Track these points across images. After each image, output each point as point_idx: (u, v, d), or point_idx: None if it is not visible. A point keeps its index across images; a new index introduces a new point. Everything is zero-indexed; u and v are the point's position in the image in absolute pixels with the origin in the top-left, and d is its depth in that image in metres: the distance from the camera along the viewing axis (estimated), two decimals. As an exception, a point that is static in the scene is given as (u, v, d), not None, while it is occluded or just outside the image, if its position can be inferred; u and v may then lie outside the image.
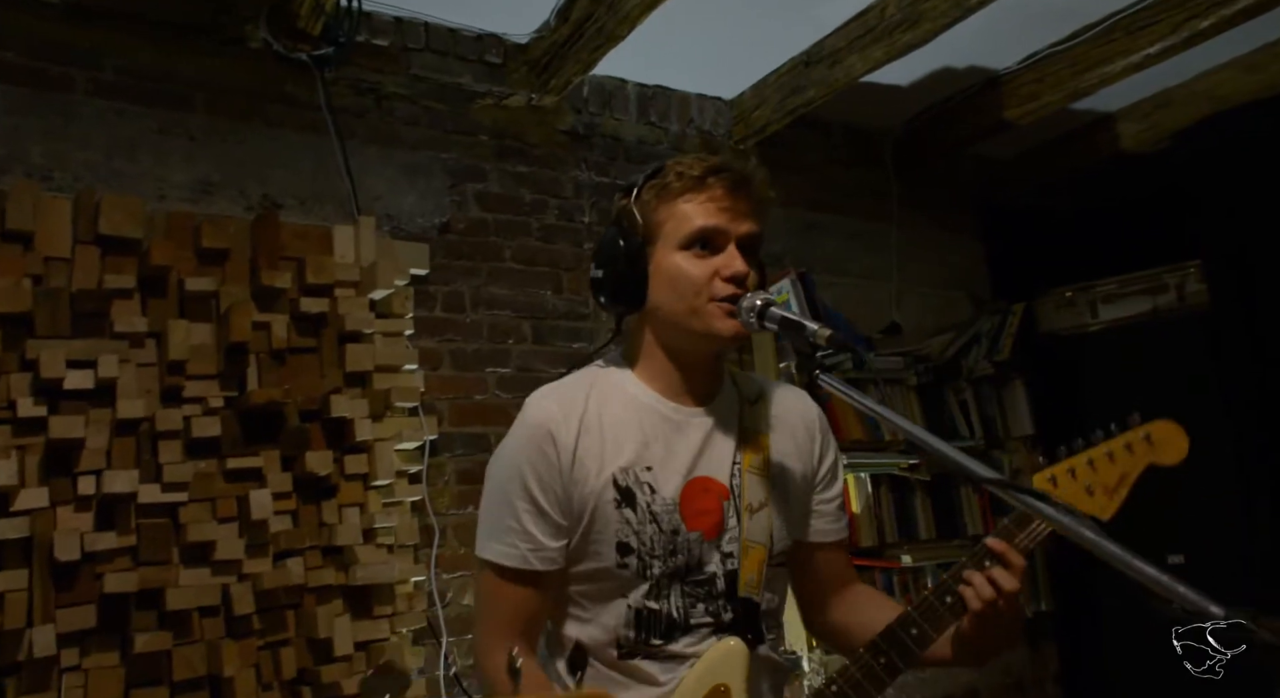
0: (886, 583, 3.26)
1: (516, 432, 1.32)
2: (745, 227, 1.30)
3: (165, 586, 2.13)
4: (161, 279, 2.28)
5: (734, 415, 1.37)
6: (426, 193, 2.84)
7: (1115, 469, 1.28)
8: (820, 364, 1.20)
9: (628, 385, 1.36)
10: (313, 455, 2.32)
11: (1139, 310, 3.69)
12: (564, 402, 1.31)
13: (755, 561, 1.30)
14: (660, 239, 1.31)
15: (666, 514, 1.28)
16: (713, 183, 1.29)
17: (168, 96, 2.50)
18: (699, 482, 1.31)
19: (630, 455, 1.29)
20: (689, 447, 1.32)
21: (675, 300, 1.29)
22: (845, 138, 3.83)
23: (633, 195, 1.34)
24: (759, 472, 1.34)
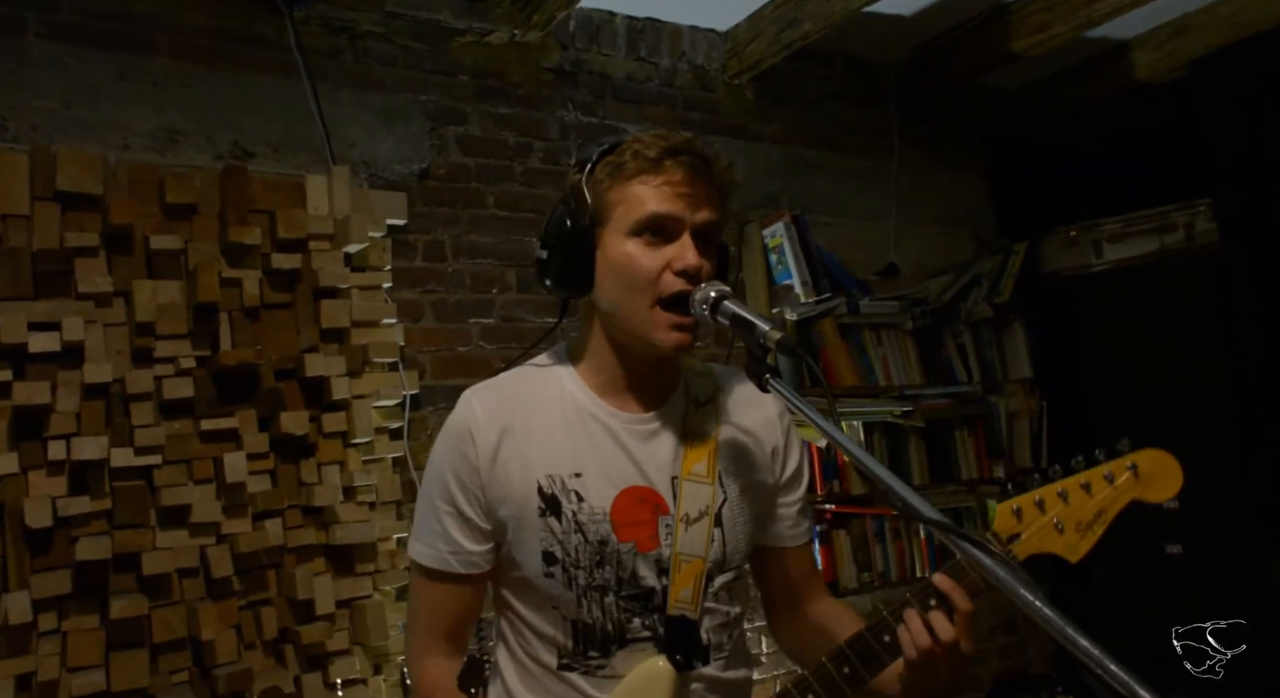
0: (878, 529, 3.25)
1: (443, 431, 1.28)
2: (702, 214, 1.20)
3: (142, 549, 2.12)
4: (126, 236, 2.21)
5: (679, 420, 1.30)
6: (405, 138, 2.73)
7: (1091, 503, 1.16)
8: (771, 368, 1.12)
9: (567, 384, 1.29)
10: (288, 416, 2.28)
11: (1145, 250, 3.57)
12: (491, 402, 1.26)
13: (690, 575, 1.23)
14: (610, 222, 1.22)
15: (594, 524, 1.21)
16: (670, 165, 1.18)
17: (128, 39, 2.38)
18: (634, 491, 1.24)
19: (558, 461, 1.23)
20: (626, 454, 1.25)
21: (620, 292, 1.21)
22: (846, 71, 3.67)
23: (585, 172, 1.24)
24: (701, 479, 1.26)
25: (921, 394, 3.35)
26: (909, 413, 3.26)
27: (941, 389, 3.41)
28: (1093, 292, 3.66)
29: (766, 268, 3.21)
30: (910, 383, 3.37)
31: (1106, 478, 1.18)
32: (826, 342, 3.22)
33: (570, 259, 1.23)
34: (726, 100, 3.38)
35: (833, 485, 3.14)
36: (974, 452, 3.50)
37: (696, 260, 1.18)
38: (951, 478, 3.44)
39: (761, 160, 3.42)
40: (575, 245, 1.22)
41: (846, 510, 3.17)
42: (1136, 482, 1.17)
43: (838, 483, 3.15)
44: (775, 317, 3.18)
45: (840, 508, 3.16)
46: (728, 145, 3.35)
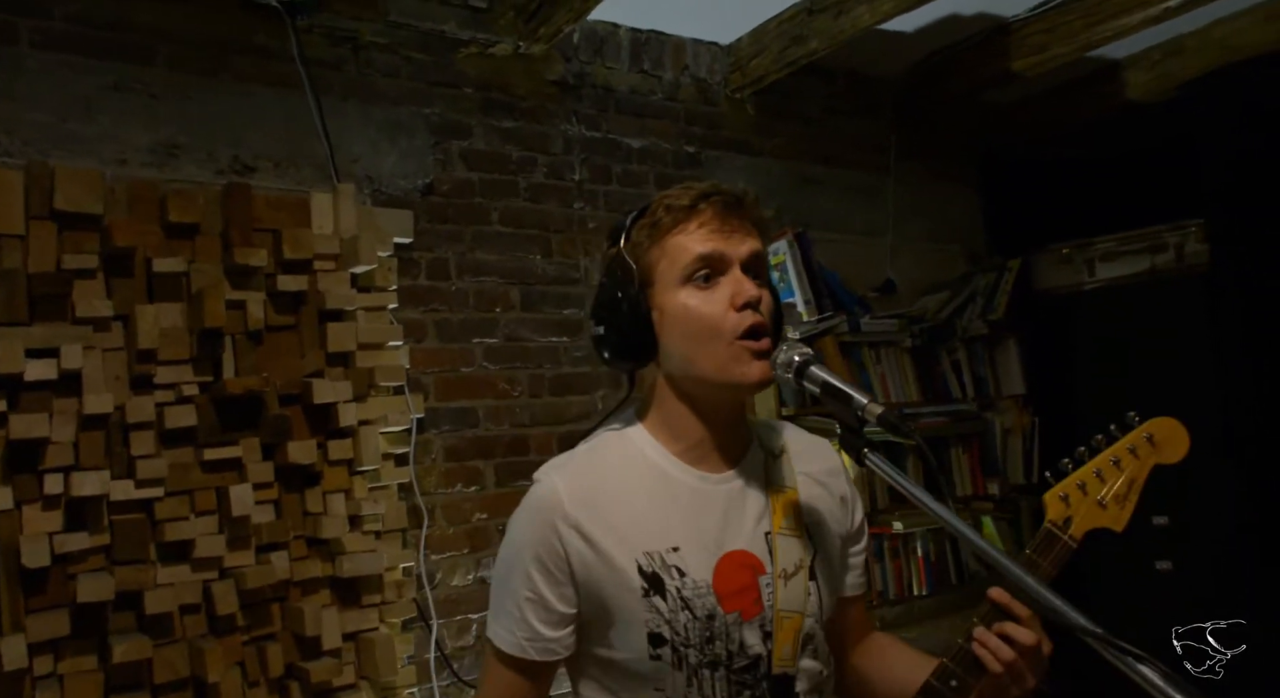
0: (877, 549, 3.24)
1: (523, 511, 1.21)
2: (746, 247, 1.18)
3: (144, 587, 2.03)
4: (127, 258, 2.11)
5: (760, 473, 1.26)
6: (409, 152, 2.66)
7: (1123, 476, 1.23)
8: (869, 441, 1.09)
9: (647, 451, 1.24)
10: (295, 445, 2.21)
11: (1137, 270, 3.61)
12: (574, 478, 1.20)
13: (790, 631, 1.20)
14: (658, 280, 1.19)
15: (699, 599, 1.16)
16: (703, 208, 1.18)
17: (125, 49, 2.28)
18: (732, 557, 1.20)
19: (654, 536, 1.18)
20: (717, 518, 1.21)
21: (690, 345, 1.17)
22: (848, 86, 3.65)
23: (621, 240, 1.22)
24: (792, 532, 1.24)
25: (920, 412, 3.35)
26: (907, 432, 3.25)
27: (940, 407, 3.41)
28: (1085, 309, 3.69)
29: (769, 282, 3.18)
30: (908, 401, 3.37)
31: (1130, 451, 1.24)
32: (828, 359, 3.19)
33: (626, 327, 1.20)
34: (729, 114, 3.34)
35: (834, 506, 3.12)
36: (969, 469, 3.51)
37: (755, 290, 1.16)
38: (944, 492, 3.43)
39: (764, 176, 3.40)
40: (630, 313, 1.19)
41: (847, 531, 3.16)
42: (1154, 449, 1.25)
43: (839, 503, 3.14)
44: (777, 335, 3.15)
45: (841, 528, 3.15)
46: (730, 160, 3.32)
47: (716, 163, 3.29)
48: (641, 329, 1.19)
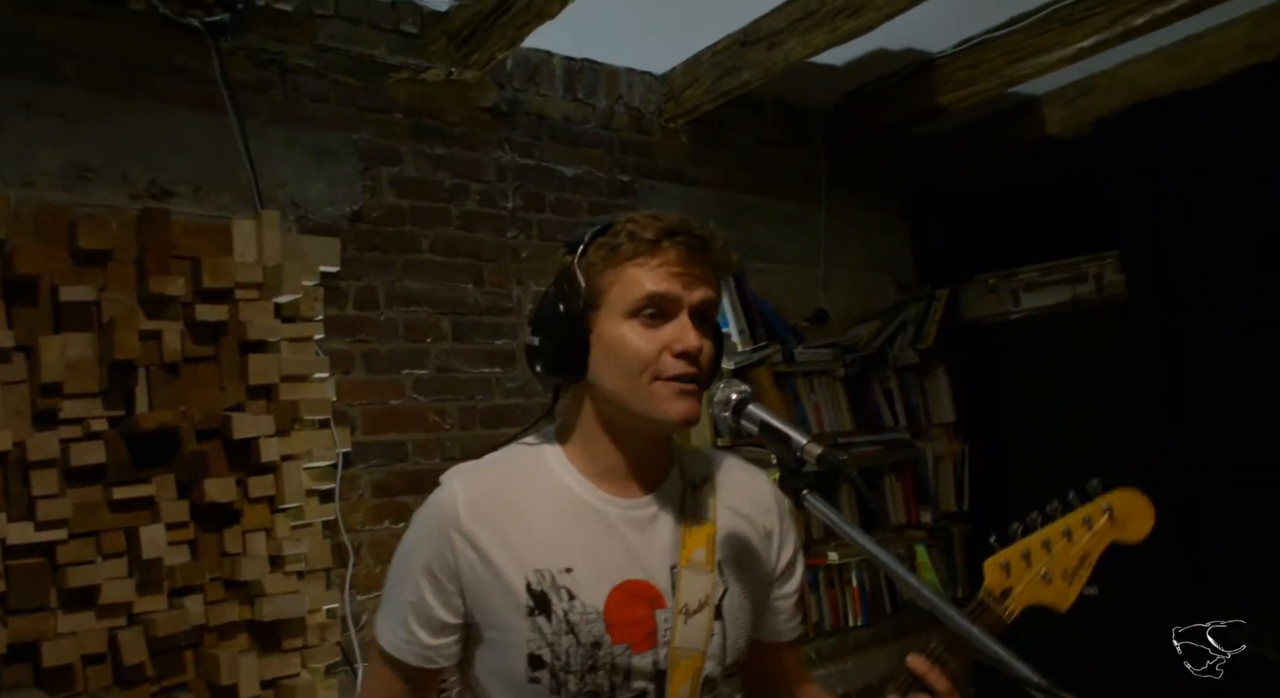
0: (812, 579, 3.23)
1: (422, 512, 1.18)
2: (700, 294, 1.15)
3: (42, 637, 1.90)
4: (30, 286, 1.99)
5: (676, 503, 1.22)
6: (336, 178, 2.58)
7: (1074, 550, 1.15)
8: (809, 482, 1.06)
9: (558, 470, 1.20)
10: (213, 483, 2.10)
11: (1059, 300, 3.70)
12: (478, 487, 1.16)
13: (687, 671, 1.15)
14: (605, 305, 1.15)
15: (587, 625, 1.12)
16: (667, 246, 1.14)
17: (32, 65, 2.17)
18: (629, 586, 1.15)
19: (548, 555, 1.14)
20: (621, 546, 1.17)
21: (617, 376, 1.14)
22: (777, 116, 3.69)
23: (577, 254, 1.18)
24: (700, 567, 1.19)
25: (854, 442, 3.37)
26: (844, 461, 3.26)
27: (873, 436, 3.43)
28: (1011, 339, 3.77)
29: (707, 313, 3.16)
30: (842, 430, 3.39)
31: (1085, 523, 1.17)
32: (763, 390, 3.20)
33: (564, 344, 1.16)
34: (663, 144, 3.34)
35: (770, 536, 3.11)
36: (902, 497, 3.54)
37: (696, 341, 1.13)
38: (881, 524, 3.46)
39: (698, 205, 3.40)
40: (569, 330, 1.16)
41: (783, 561, 3.14)
42: (1113, 524, 1.17)
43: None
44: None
45: (777, 559, 3.13)
46: (664, 189, 3.32)
47: (650, 192, 3.28)
48: (577, 348, 1.16)
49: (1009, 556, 1.14)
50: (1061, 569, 1.14)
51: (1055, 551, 1.15)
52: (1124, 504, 1.17)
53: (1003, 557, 1.14)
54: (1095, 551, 1.16)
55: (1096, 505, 1.17)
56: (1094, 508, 1.17)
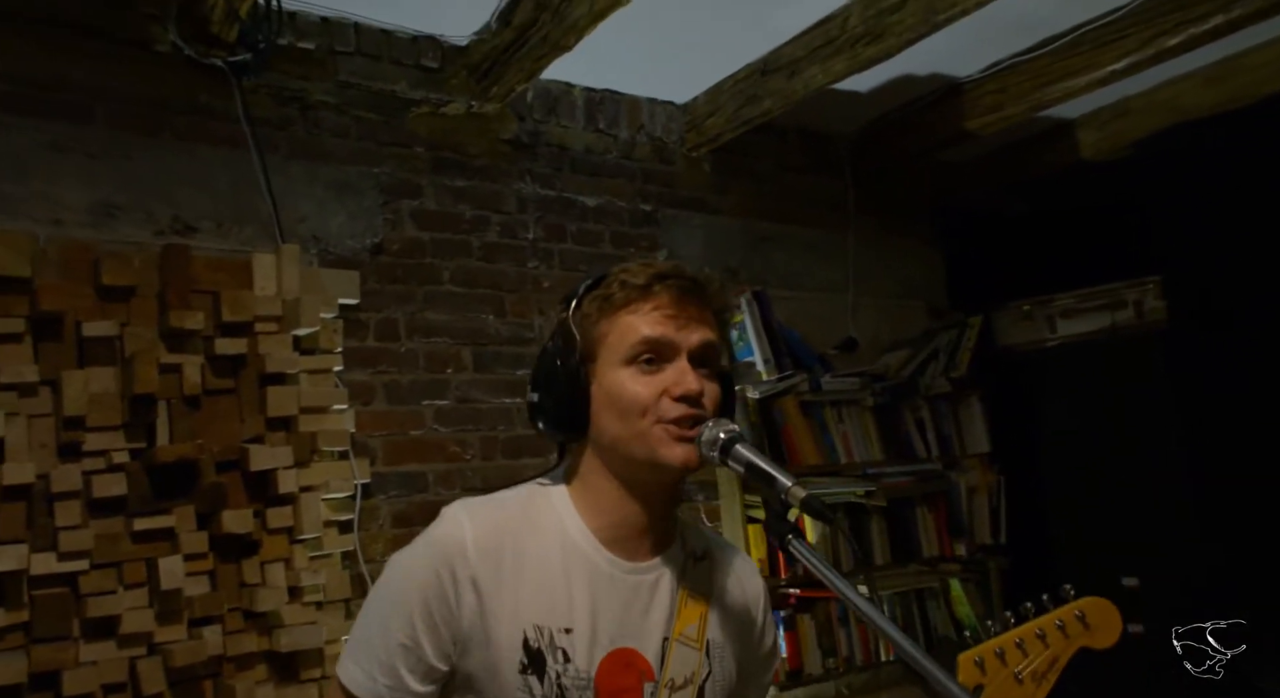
0: (843, 614, 3.16)
1: (419, 547, 1.11)
2: (697, 336, 1.12)
3: (63, 667, 1.92)
4: (56, 322, 2.05)
5: (676, 573, 1.19)
6: (357, 212, 2.62)
7: (1046, 652, 1.17)
8: (793, 528, 1.03)
9: (565, 520, 1.16)
10: (230, 514, 2.12)
11: (1098, 326, 3.61)
12: (486, 525, 1.11)
13: None
14: (602, 355, 1.13)
15: (578, 690, 1.08)
16: (659, 290, 1.12)
17: (61, 108, 2.24)
18: (621, 654, 1.11)
19: (550, 612, 1.09)
20: (619, 610, 1.13)
21: (618, 423, 1.11)
22: (801, 143, 3.68)
23: (571, 308, 1.17)
24: (691, 643, 1.16)
25: (884, 472, 3.30)
26: (872, 492, 3.21)
27: (904, 467, 3.37)
28: (1047, 367, 3.68)
29: (728, 345, 3.14)
30: (871, 460, 3.33)
31: (1058, 626, 1.19)
32: (789, 420, 3.16)
33: (564, 399, 1.14)
34: (685, 173, 3.35)
35: (796, 569, 3.05)
36: (935, 529, 3.46)
37: (696, 384, 1.09)
38: (913, 557, 3.38)
39: (721, 234, 3.39)
40: (568, 385, 1.13)
41: (810, 595, 3.08)
42: (1084, 630, 1.20)
43: (801, 566, 3.06)
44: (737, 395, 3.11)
45: (805, 592, 3.07)
46: (686, 218, 3.32)
47: (673, 221, 3.28)
48: (577, 402, 1.13)
49: (983, 652, 1.15)
50: (1032, 671, 1.16)
51: (1029, 651, 1.17)
52: (1096, 612, 1.21)
53: (977, 653, 1.15)
54: (1065, 655, 1.18)
55: (1069, 610, 1.20)
56: (1066, 613, 1.20)
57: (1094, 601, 1.20)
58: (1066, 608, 1.19)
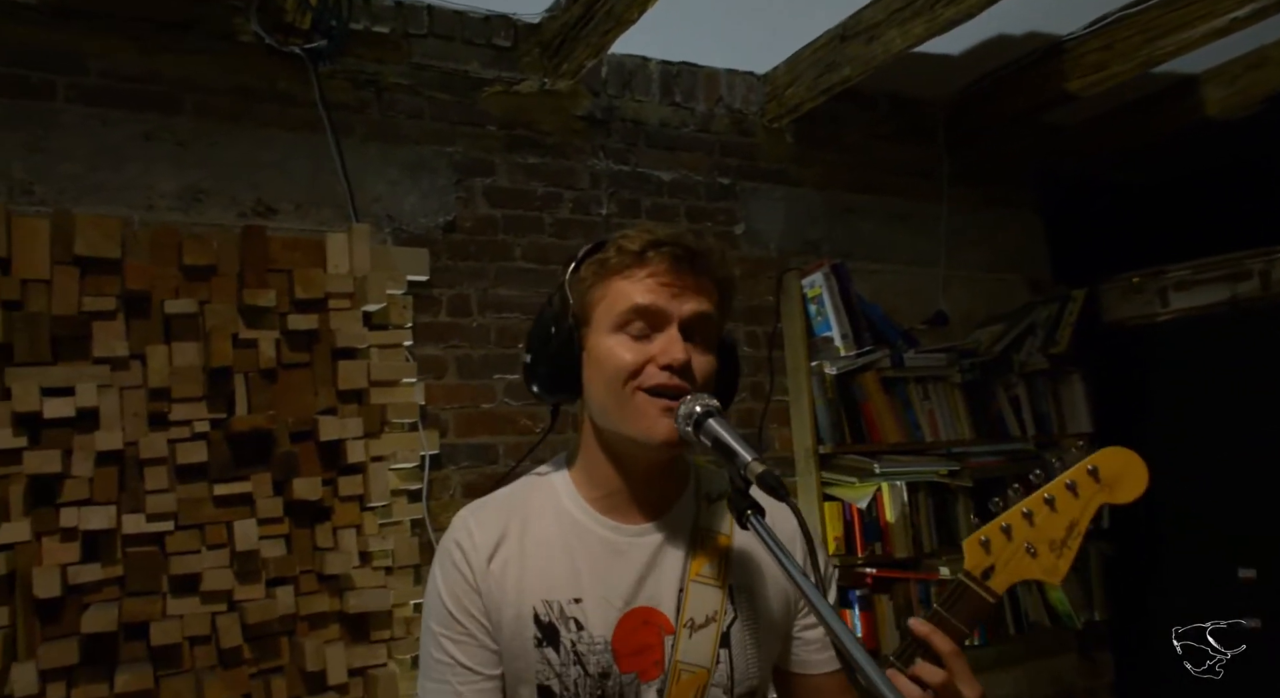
0: (924, 595, 3.08)
1: (438, 553, 1.19)
2: (690, 306, 1.11)
3: (151, 618, 2.09)
4: (144, 300, 2.20)
5: (688, 523, 1.19)
6: (430, 191, 2.70)
7: (1059, 518, 1.07)
8: (753, 504, 1.01)
9: (565, 499, 1.19)
10: (301, 482, 2.24)
11: (1215, 299, 3.36)
12: (486, 520, 1.17)
13: (690, 687, 1.12)
14: (594, 320, 1.14)
15: (595, 655, 1.11)
16: (653, 257, 1.10)
17: (154, 99, 2.39)
18: (638, 614, 1.13)
19: (555, 586, 1.13)
20: (629, 573, 1.14)
21: (603, 390, 1.12)
22: (892, 111, 3.54)
23: (569, 272, 1.17)
24: (708, 581, 1.15)
25: (970, 452, 3.18)
26: (956, 472, 3.10)
27: (991, 447, 3.23)
28: (1158, 343, 3.46)
29: (805, 319, 3.09)
30: (959, 439, 3.21)
31: (1069, 488, 1.08)
32: (869, 397, 3.09)
33: (555, 362, 1.15)
34: (766, 144, 3.28)
35: (874, 548, 2.99)
36: (1028, 511, 3.31)
37: (682, 354, 1.08)
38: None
39: (802, 206, 3.32)
40: (560, 348, 1.15)
41: (889, 575, 3.02)
42: (1100, 486, 1.08)
43: (879, 545, 3.00)
44: (814, 370, 3.05)
45: (882, 572, 3.01)
46: (767, 191, 3.26)
47: (752, 194, 3.22)
48: (567, 366, 1.15)
49: (988, 532, 1.08)
50: (1048, 541, 1.07)
51: (1039, 522, 1.08)
52: (1111, 464, 1.09)
53: (982, 533, 1.08)
54: (1085, 516, 1.08)
55: (1080, 469, 1.09)
56: (1077, 472, 1.09)
57: (1109, 451, 1.08)
58: (1076, 467, 1.09)
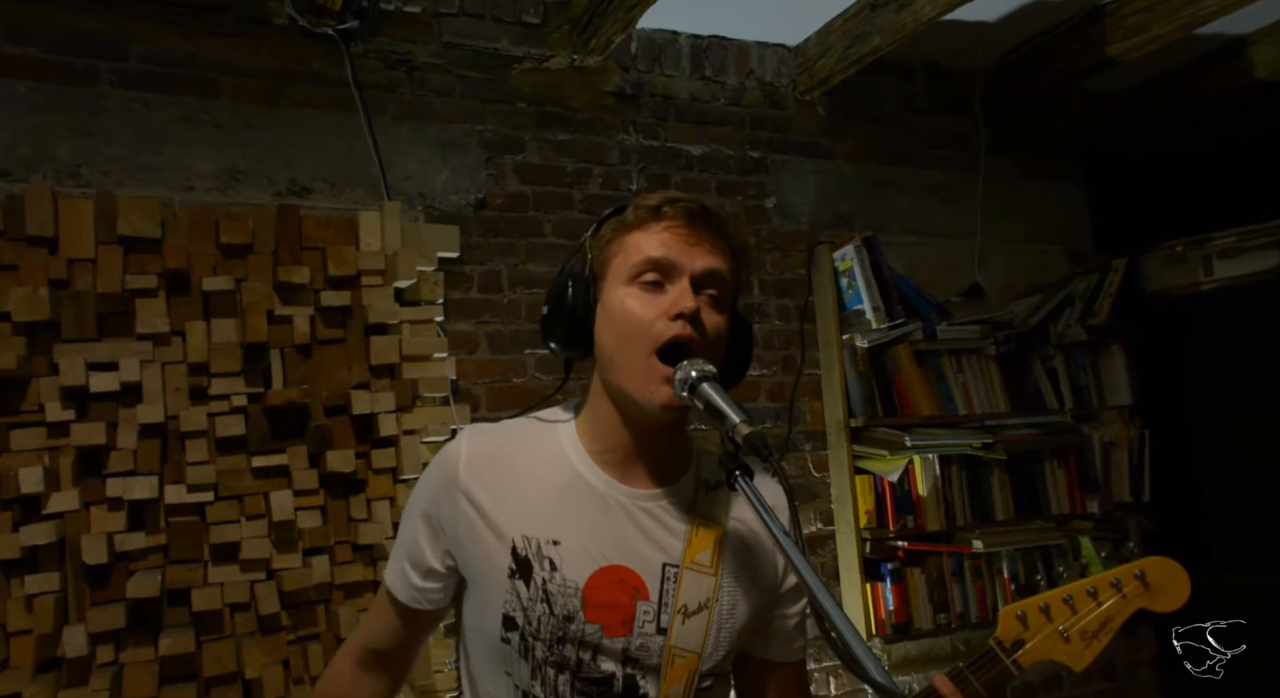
0: (956, 568, 3.08)
1: (434, 461, 1.25)
2: (703, 262, 1.13)
3: (193, 585, 2.17)
4: (183, 278, 2.27)
5: (687, 502, 1.22)
6: (461, 169, 2.73)
7: (1098, 612, 1.11)
8: (741, 465, 1.04)
9: (567, 446, 1.22)
10: (334, 454, 2.30)
11: (1263, 267, 3.27)
12: (486, 448, 1.21)
13: (683, 671, 1.16)
14: (610, 274, 1.17)
15: (564, 598, 1.15)
16: (669, 212, 1.14)
17: (193, 83, 2.45)
18: (615, 571, 1.16)
19: (537, 524, 1.17)
20: (614, 530, 1.17)
21: (616, 342, 1.14)
22: (927, 82, 3.50)
23: (591, 232, 1.22)
24: (704, 569, 1.19)
25: (1004, 424, 3.15)
26: (990, 445, 3.07)
27: (1026, 419, 3.20)
28: (1201, 312, 3.38)
29: (837, 293, 3.08)
30: (995, 411, 3.19)
31: (1114, 585, 1.12)
32: (901, 369, 3.07)
33: (571, 316, 1.19)
34: (797, 117, 3.26)
35: (906, 521, 2.99)
36: (1065, 485, 3.28)
37: (693, 303, 1.11)
38: (1039, 513, 3.22)
39: (834, 179, 3.29)
40: (575, 302, 1.18)
41: (920, 548, 3.01)
42: (1145, 591, 1.12)
43: (911, 518, 3.00)
44: (846, 343, 3.05)
45: (914, 545, 3.00)
46: (798, 164, 3.24)
47: (783, 167, 3.21)
48: (581, 319, 1.18)
49: (1027, 607, 1.12)
50: (1080, 629, 1.11)
51: (1078, 609, 1.12)
52: (1159, 572, 1.13)
53: (1020, 607, 1.12)
54: (1121, 616, 1.12)
55: (1128, 570, 1.14)
56: (1125, 572, 1.14)
57: (1158, 560, 1.14)
58: (1125, 567, 1.14)
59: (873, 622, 2.95)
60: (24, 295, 2.08)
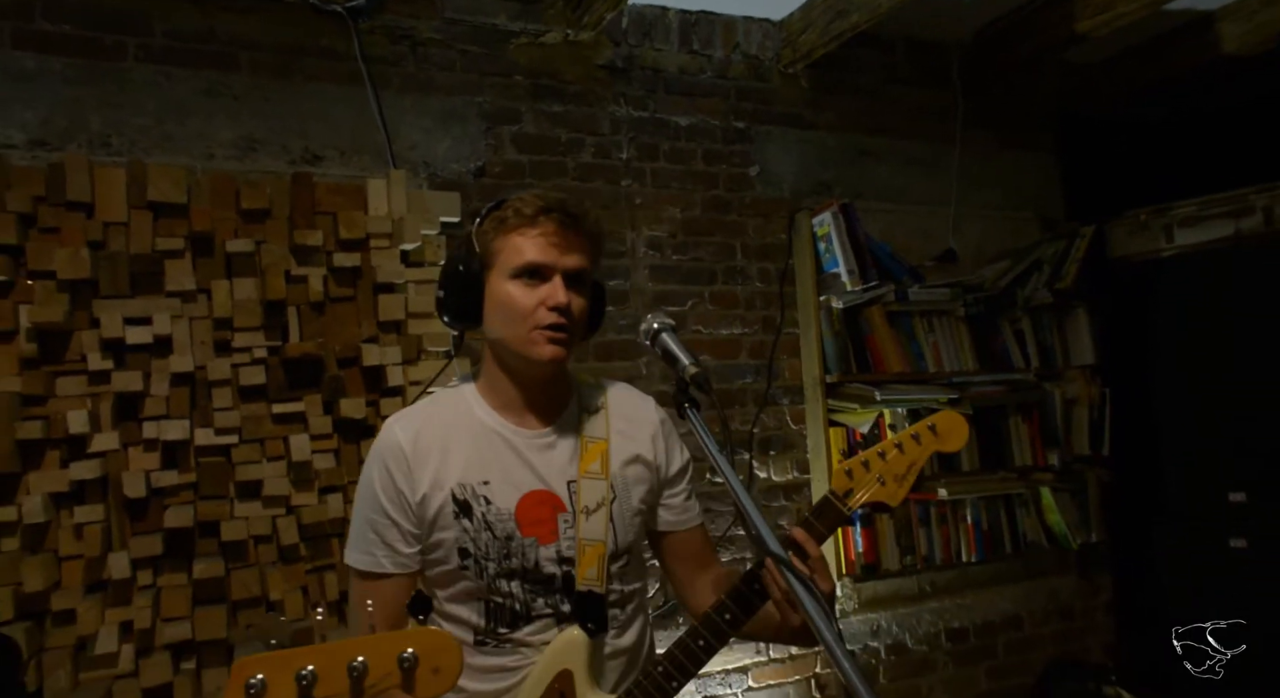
0: (923, 514, 3.31)
1: (370, 455, 1.48)
2: (571, 261, 1.42)
3: (221, 518, 2.41)
4: (207, 240, 2.48)
5: (575, 428, 1.50)
6: (462, 138, 2.93)
7: (904, 459, 1.40)
8: (690, 399, 1.29)
9: (473, 406, 1.50)
10: (347, 402, 2.53)
11: (1219, 235, 3.46)
12: (408, 427, 1.46)
13: (594, 556, 1.44)
14: (495, 267, 1.44)
15: (501, 523, 1.42)
16: (544, 220, 1.41)
17: (213, 58, 2.64)
18: (535, 494, 1.44)
19: (468, 471, 1.43)
20: (526, 465, 1.45)
21: (504, 325, 1.43)
22: (907, 55, 3.66)
23: (475, 225, 1.48)
24: (596, 476, 1.47)
25: (971, 382, 3.37)
26: (956, 401, 3.29)
27: (992, 376, 3.42)
28: (1162, 278, 3.58)
29: (815, 256, 3.28)
30: (963, 369, 3.40)
31: (914, 438, 1.42)
32: (874, 329, 3.28)
33: (462, 297, 1.46)
34: (781, 90, 3.44)
35: (875, 470, 3.21)
36: (1028, 439, 3.50)
37: (565, 298, 1.39)
38: (1003, 465, 3.45)
39: (816, 149, 3.47)
40: (467, 286, 1.45)
41: (889, 494, 3.24)
42: (935, 437, 1.42)
43: (881, 467, 3.22)
44: (822, 304, 3.25)
45: (883, 492, 3.23)
46: (781, 135, 3.42)
47: (766, 137, 3.39)
48: (473, 301, 1.46)
49: (852, 464, 1.41)
50: (893, 474, 1.40)
51: (889, 459, 1.41)
52: (945, 423, 1.43)
53: (847, 465, 1.41)
54: (921, 458, 1.42)
55: (923, 424, 1.43)
56: (921, 426, 1.43)
57: (946, 414, 1.44)
58: (920, 423, 1.43)
59: (843, 562, 3.20)
60: (67, 256, 2.30)
